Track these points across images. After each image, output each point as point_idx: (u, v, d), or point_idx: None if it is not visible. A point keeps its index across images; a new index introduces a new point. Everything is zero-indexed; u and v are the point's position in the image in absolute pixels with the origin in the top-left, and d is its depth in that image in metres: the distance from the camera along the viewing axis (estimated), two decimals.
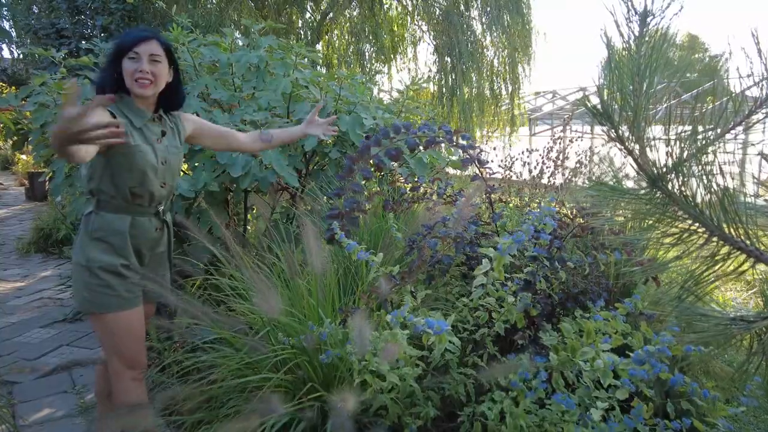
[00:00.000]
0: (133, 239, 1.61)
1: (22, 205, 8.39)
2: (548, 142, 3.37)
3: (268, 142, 1.91)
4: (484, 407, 1.51)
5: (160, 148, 1.63)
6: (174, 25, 2.88)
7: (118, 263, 1.57)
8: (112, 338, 1.60)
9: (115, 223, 1.57)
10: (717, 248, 0.69)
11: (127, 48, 1.54)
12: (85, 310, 1.62)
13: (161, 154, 1.63)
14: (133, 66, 1.54)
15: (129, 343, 1.62)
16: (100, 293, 1.55)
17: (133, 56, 1.54)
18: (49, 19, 7.52)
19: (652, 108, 0.78)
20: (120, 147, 1.52)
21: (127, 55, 1.54)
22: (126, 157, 1.54)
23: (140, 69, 1.54)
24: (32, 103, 2.87)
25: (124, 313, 1.59)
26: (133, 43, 1.54)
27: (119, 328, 1.59)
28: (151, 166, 1.58)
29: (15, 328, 3.23)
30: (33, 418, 2.22)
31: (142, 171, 1.56)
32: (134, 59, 1.54)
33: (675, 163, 0.68)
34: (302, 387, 1.69)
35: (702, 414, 1.52)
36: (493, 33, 9.20)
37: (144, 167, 1.56)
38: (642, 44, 0.78)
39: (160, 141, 1.64)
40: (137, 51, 1.54)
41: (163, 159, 1.63)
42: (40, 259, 4.99)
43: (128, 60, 1.54)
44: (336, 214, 1.90)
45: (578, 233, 1.96)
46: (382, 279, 1.62)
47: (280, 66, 2.88)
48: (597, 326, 1.58)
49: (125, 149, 1.53)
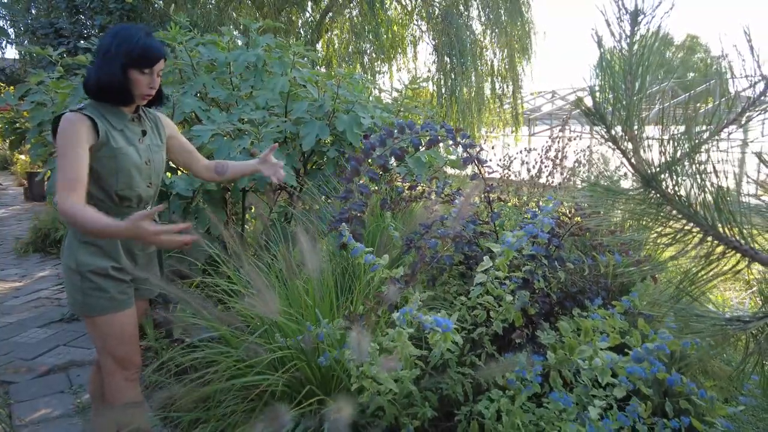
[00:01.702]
0: (124, 241, 1.60)
1: (20, 205, 8.39)
2: (546, 141, 3.37)
3: (221, 175, 1.88)
4: (481, 406, 1.51)
5: (143, 148, 1.61)
6: (172, 24, 2.87)
7: (109, 266, 1.56)
8: (106, 340, 1.60)
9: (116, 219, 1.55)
10: (712, 248, 0.69)
11: (150, 64, 1.51)
12: (79, 312, 1.60)
13: (144, 154, 1.61)
14: (146, 81, 1.53)
15: (122, 344, 1.61)
16: (93, 296, 1.54)
17: (147, 71, 1.52)
18: (48, 19, 7.51)
19: (645, 108, 0.78)
20: (104, 151, 1.51)
21: (138, 67, 1.51)
22: (111, 161, 1.52)
23: (152, 86, 1.55)
24: (29, 102, 2.86)
25: (116, 315, 1.58)
26: (155, 62, 1.52)
27: (112, 329, 1.58)
28: (135, 167, 1.57)
29: (12, 328, 3.22)
30: (30, 418, 2.22)
31: (127, 173, 1.55)
32: (146, 73, 1.52)
33: (668, 162, 0.68)
34: (299, 387, 1.69)
35: (701, 413, 1.52)
36: (493, 33, 9.20)
37: (129, 169, 1.55)
38: (634, 43, 0.78)
39: (142, 141, 1.62)
40: (153, 68, 1.53)
41: (146, 158, 1.62)
42: (38, 259, 4.98)
43: (140, 73, 1.51)
44: (346, 217, 1.90)
45: (576, 232, 1.96)
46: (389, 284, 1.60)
47: (277, 65, 2.88)
48: (595, 324, 1.57)
49: (109, 153, 1.51)
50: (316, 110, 2.73)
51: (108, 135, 1.52)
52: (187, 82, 2.85)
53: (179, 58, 2.92)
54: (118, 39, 1.50)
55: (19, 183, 10.05)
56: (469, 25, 9.17)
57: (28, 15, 8.27)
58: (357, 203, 1.93)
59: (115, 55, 1.49)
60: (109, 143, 1.52)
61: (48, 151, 2.93)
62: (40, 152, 2.97)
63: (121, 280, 1.59)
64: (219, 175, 1.86)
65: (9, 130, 3.16)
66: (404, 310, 1.41)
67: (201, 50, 2.94)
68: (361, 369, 1.47)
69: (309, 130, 2.62)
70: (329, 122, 2.72)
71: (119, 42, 1.50)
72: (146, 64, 1.51)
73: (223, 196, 2.96)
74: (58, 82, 2.81)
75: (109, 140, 1.52)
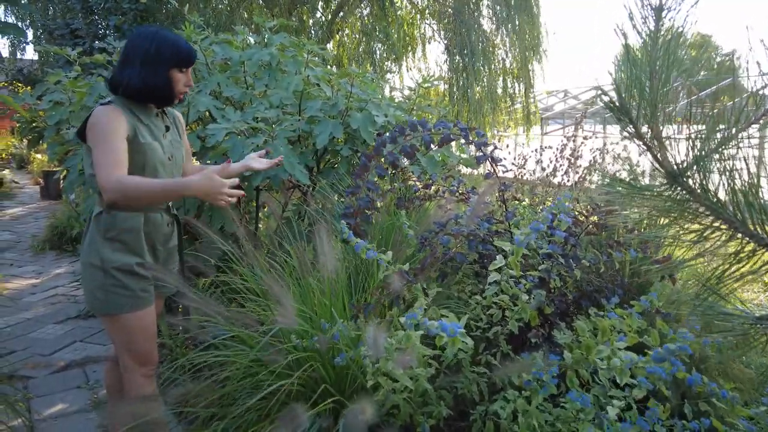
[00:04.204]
0: (148, 236, 1.61)
1: (37, 203, 8.51)
2: (562, 140, 3.34)
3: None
4: (497, 406, 1.50)
5: (166, 144, 1.66)
6: (186, 23, 2.89)
7: (133, 262, 1.56)
8: (126, 337, 1.60)
9: (128, 221, 1.56)
10: (741, 246, 0.67)
11: (188, 62, 1.61)
12: (98, 311, 1.59)
13: (168, 150, 1.65)
14: (184, 79, 1.62)
15: (142, 341, 1.62)
16: (115, 294, 1.54)
17: (184, 69, 1.61)
18: (64, 20, 7.61)
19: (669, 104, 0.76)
20: (133, 145, 1.53)
21: (180, 68, 1.59)
22: (139, 156, 1.54)
23: (188, 84, 1.63)
24: (47, 101, 2.90)
25: (138, 313, 1.58)
26: (192, 60, 1.62)
27: (133, 327, 1.59)
28: (161, 163, 1.60)
29: (29, 324, 3.27)
30: (47, 412, 2.25)
31: (153, 168, 1.58)
32: (184, 72, 1.61)
33: (697, 158, 0.67)
34: (314, 386, 1.69)
35: (720, 415, 1.50)
36: (504, 32, 9.15)
37: (155, 164, 1.58)
38: (658, 38, 0.77)
39: (165, 136, 1.67)
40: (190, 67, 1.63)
41: (169, 154, 1.66)
42: (55, 256, 5.05)
43: (179, 71, 1.60)
44: (351, 212, 1.90)
45: (592, 231, 1.93)
46: (394, 275, 1.61)
47: (291, 64, 2.89)
48: (612, 324, 1.55)
49: (138, 148, 1.54)
50: (330, 109, 2.73)
51: (136, 130, 1.55)
52: (201, 81, 2.86)
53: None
54: (156, 42, 1.55)
55: (35, 182, 10.20)
56: (480, 23, 9.12)
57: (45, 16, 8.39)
58: (362, 199, 1.93)
59: (157, 58, 1.55)
60: (137, 138, 1.54)
61: (65, 149, 2.97)
62: (57, 151, 3.01)
63: (143, 278, 1.59)
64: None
65: (27, 129, 3.21)
66: (410, 316, 1.40)
67: (215, 49, 2.96)
68: (377, 366, 1.47)
69: (322, 128, 2.62)
70: (343, 120, 2.72)
71: (159, 45, 1.55)
72: (188, 64, 1.61)
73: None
74: (75, 81, 2.84)
75: (137, 135, 1.55)
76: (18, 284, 4.14)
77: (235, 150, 2.47)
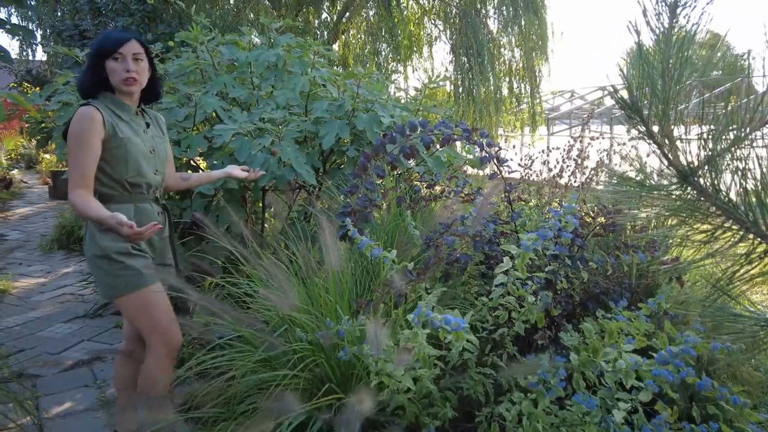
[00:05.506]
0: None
1: (45, 203, 8.57)
2: (568, 141, 3.31)
3: (185, 180, 2.07)
4: (502, 408, 1.49)
5: (147, 138, 1.77)
6: (193, 24, 2.90)
7: (129, 245, 1.67)
8: (145, 313, 1.69)
9: (119, 212, 1.63)
10: (752, 246, 0.67)
11: (112, 50, 1.65)
12: (112, 296, 1.70)
13: (149, 144, 1.77)
14: (119, 66, 1.66)
15: (161, 314, 1.71)
16: (123, 276, 1.65)
17: (117, 57, 1.65)
18: (72, 21, 7.67)
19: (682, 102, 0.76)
20: (113, 142, 1.65)
21: (111, 57, 1.65)
22: (119, 150, 1.66)
23: (127, 69, 1.66)
24: (56, 102, 2.92)
25: (148, 289, 1.68)
26: (116, 45, 1.65)
27: (149, 302, 1.68)
28: (142, 155, 1.72)
29: (38, 323, 3.29)
30: (55, 411, 2.26)
31: (135, 160, 1.69)
32: (118, 60, 1.65)
33: (708, 157, 0.66)
34: (319, 385, 1.69)
35: (729, 419, 1.48)
36: (510, 32, 9.12)
37: (137, 156, 1.70)
38: (671, 36, 0.76)
39: (146, 132, 1.78)
40: (121, 52, 1.65)
41: (151, 147, 1.77)
42: (63, 255, 5.09)
43: (113, 61, 1.65)
44: (348, 211, 1.92)
45: (600, 232, 1.92)
46: (396, 273, 1.61)
47: (297, 64, 2.89)
48: (619, 326, 1.54)
49: (118, 142, 1.66)
50: (336, 109, 2.73)
51: (114, 127, 1.66)
52: (208, 82, 2.87)
53: (201, 57, 2.95)
54: (94, 43, 1.71)
55: (43, 181, 10.27)
56: (486, 24, 9.11)
57: (54, 17, 8.46)
58: (360, 198, 1.95)
59: (92, 56, 1.68)
60: (116, 134, 1.66)
61: None
62: (65, 151, 3.03)
63: (143, 256, 1.70)
64: (183, 180, 2.06)
65: (36, 130, 3.23)
66: (418, 312, 1.40)
67: (222, 50, 2.97)
68: (380, 365, 1.47)
69: (329, 129, 2.62)
70: (349, 121, 2.72)
71: (94, 45, 1.71)
72: (112, 48, 1.64)
73: (243, 195, 2.98)
74: None
75: (116, 131, 1.66)
76: (26, 283, 4.17)
77: (243, 150, 2.48)
